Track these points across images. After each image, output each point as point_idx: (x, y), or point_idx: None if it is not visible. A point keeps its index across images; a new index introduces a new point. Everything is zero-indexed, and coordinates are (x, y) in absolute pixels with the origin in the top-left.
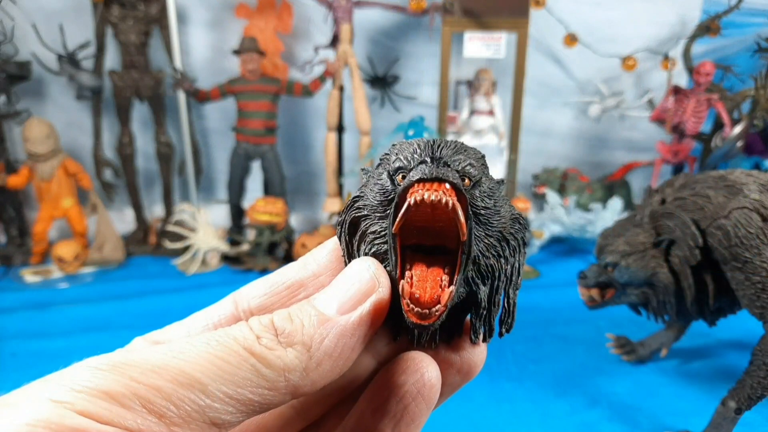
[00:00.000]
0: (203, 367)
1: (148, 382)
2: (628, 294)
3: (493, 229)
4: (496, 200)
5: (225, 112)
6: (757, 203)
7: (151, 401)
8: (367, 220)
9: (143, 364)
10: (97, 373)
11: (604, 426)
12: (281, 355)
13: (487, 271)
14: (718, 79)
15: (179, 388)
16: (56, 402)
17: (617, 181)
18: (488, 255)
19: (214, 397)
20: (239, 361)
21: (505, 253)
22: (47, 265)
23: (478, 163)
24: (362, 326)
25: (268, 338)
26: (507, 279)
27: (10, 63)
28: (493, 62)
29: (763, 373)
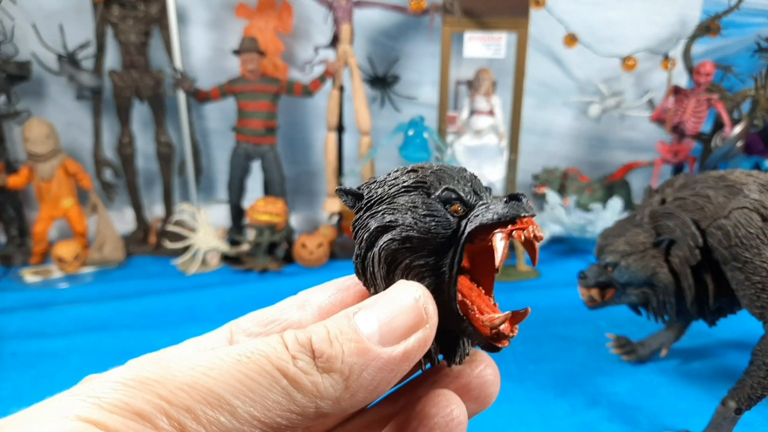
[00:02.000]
0: (233, 388)
1: (177, 402)
2: (628, 294)
3: None
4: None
5: (225, 112)
6: (757, 203)
7: (180, 422)
8: (411, 251)
9: (172, 381)
10: (126, 390)
11: (604, 426)
12: (316, 382)
13: None
14: (718, 79)
15: (208, 409)
16: (83, 419)
17: (617, 181)
18: None
19: (243, 420)
20: (270, 383)
21: None
22: (47, 265)
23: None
24: (404, 362)
25: (305, 361)
26: None
27: (10, 63)
28: (493, 62)
29: (763, 373)
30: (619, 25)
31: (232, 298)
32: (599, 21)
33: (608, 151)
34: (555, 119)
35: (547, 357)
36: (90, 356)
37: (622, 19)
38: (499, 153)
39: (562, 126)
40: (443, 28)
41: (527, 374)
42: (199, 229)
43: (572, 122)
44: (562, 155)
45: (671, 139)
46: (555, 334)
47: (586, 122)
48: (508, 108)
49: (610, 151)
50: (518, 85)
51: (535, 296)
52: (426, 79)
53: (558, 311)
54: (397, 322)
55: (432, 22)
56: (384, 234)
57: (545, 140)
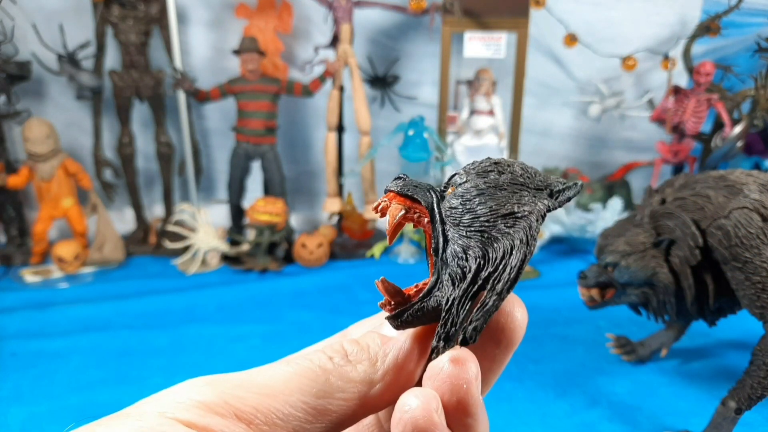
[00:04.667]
0: (285, 381)
1: (237, 394)
2: (628, 294)
3: (468, 229)
4: (468, 198)
5: (225, 112)
6: (757, 203)
7: (241, 410)
8: None
9: (233, 380)
10: (195, 388)
11: (604, 426)
12: (351, 370)
13: (456, 274)
14: (718, 79)
15: (264, 398)
16: (162, 413)
17: (617, 181)
18: (462, 256)
19: (296, 407)
20: (315, 376)
21: (489, 254)
22: (47, 265)
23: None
24: (418, 341)
25: (339, 357)
26: (485, 282)
27: (10, 63)
28: (493, 62)
29: (763, 373)
30: (619, 25)
31: (232, 298)
32: (599, 21)
33: (608, 151)
34: (555, 119)
35: (547, 357)
36: (90, 356)
37: (622, 19)
38: (499, 153)
39: (562, 126)
40: (443, 28)
41: (527, 374)
42: (199, 229)
43: (572, 122)
44: (562, 155)
45: (671, 139)
46: (555, 334)
47: (586, 122)
48: (508, 108)
49: (610, 151)
50: (518, 85)
51: (535, 296)
52: (426, 79)
53: (558, 311)
54: None
55: (432, 22)
56: None
57: (545, 140)
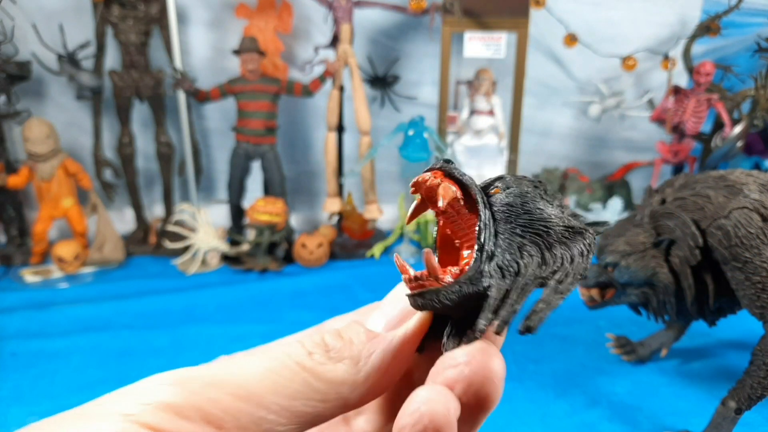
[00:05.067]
0: (258, 381)
1: (207, 395)
2: (628, 294)
3: (522, 228)
4: (526, 201)
5: (225, 112)
6: (757, 203)
7: (210, 413)
8: None
9: (203, 378)
10: (162, 387)
11: (604, 426)
12: (331, 369)
13: (507, 267)
14: (718, 79)
15: (236, 400)
16: (125, 415)
17: (617, 181)
18: (513, 251)
19: (269, 409)
20: (292, 375)
21: (544, 254)
22: (47, 265)
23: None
24: (407, 342)
25: (319, 353)
26: (540, 281)
27: (10, 63)
28: (493, 62)
29: (763, 373)
30: (619, 25)
31: (232, 298)
32: (599, 21)
33: (608, 151)
34: (555, 119)
35: (547, 357)
36: (90, 356)
37: (622, 19)
38: (499, 153)
39: (562, 126)
40: (443, 28)
41: (527, 374)
42: (199, 229)
43: (572, 122)
44: (562, 155)
45: (671, 139)
46: (555, 334)
47: (586, 122)
48: (508, 108)
49: (610, 151)
50: (518, 85)
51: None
52: (426, 79)
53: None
54: (398, 308)
55: (432, 22)
56: None
57: (545, 140)
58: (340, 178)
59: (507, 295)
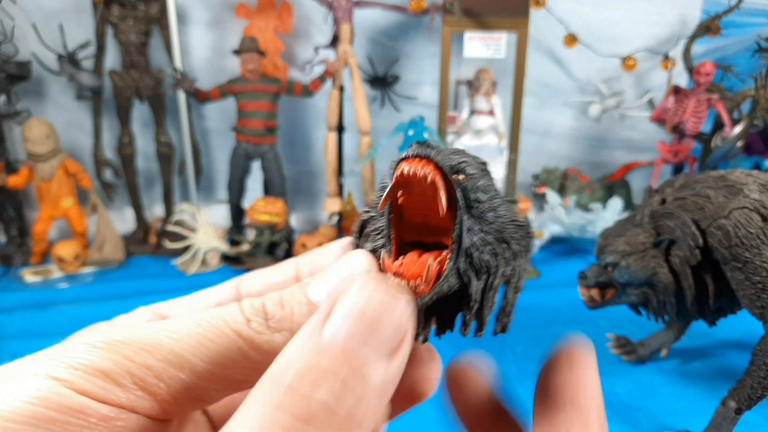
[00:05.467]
0: (193, 348)
1: (140, 361)
2: (628, 294)
3: (488, 226)
4: (492, 197)
5: (225, 112)
6: (757, 203)
7: (143, 379)
8: (371, 221)
9: (136, 343)
10: (95, 351)
11: None
12: (269, 340)
13: (480, 266)
14: (718, 79)
15: (169, 367)
16: (56, 379)
17: (617, 181)
18: (482, 250)
19: (202, 377)
20: (228, 343)
21: (505, 254)
22: (47, 265)
23: (477, 165)
24: None
25: (258, 322)
26: (506, 279)
27: (10, 63)
28: (493, 62)
29: (763, 373)
30: (619, 25)
31: None
32: (599, 21)
33: (608, 151)
34: (555, 119)
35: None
36: None
37: (622, 19)
38: (499, 153)
39: (562, 126)
40: (443, 28)
41: (527, 374)
42: (199, 229)
43: (572, 122)
44: (562, 155)
45: (671, 139)
46: (555, 334)
47: (586, 122)
48: (508, 108)
49: (610, 151)
50: (518, 85)
51: (535, 296)
52: (426, 79)
53: (558, 311)
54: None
55: (432, 22)
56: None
57: (545, 140)
58: (340, 178)
59: (484, 296)
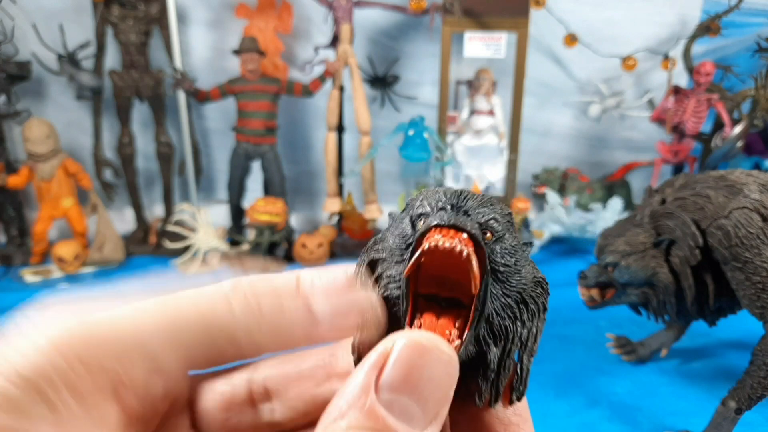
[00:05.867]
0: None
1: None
2: (628, 294)
3: (511, 289)
4: (517, 259)
5: (225, 112)
6: (757, 203)
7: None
8: (384, 264)
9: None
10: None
11: (604, 426)
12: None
13: (500, 332)
14: (718, 79)
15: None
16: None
17: (617, 181)
18: (503, 315)
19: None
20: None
21: (522, 316)
22: (47, 265)
23: (504, 219)
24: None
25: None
26: (522, 343)
27: (10, 63)
28: (493, 62)
29: (763, 373)
30: (619, 25)
31: None
32: (599, 21)
33: (608, 151)
34: (555, 119)
35: (547, 357)
36: None
37: (622, 19)
38: (499, 153)
39: (562, 126)
40: (443, 28)
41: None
42: (199, 229)
43: (572, 122)
44: (562, 155)
45: (671, 139)
46: (555, 334)
47: (586, 122)
48: (508, 108)
49: (610, 151)
50: (518, 85)
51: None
52: (426, 79)
53: (558, 311)
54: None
55: (432, 22)
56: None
57: (545, 140)
58: (340, 178)
59: (502, 364)
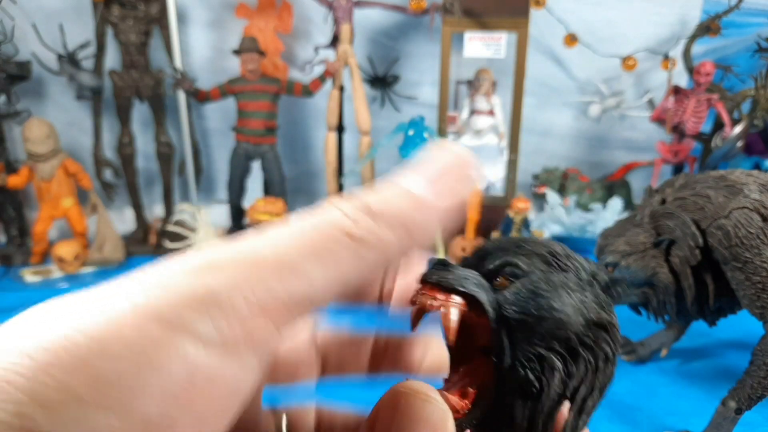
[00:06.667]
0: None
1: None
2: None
3: (540, 337)
4: (539, 297)
5: (225, 112)
6: (757, 203)
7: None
8: None
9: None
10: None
11: (604, 426)
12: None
13: (527, 385)
14: (718, 79)
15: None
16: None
17: (617, 181)
18: (529, 367)
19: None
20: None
21: (569, 368)
22: (47, 265)
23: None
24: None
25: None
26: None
27: (10, 63)
28: (493, 62)
29: (763, 373)
30: (619, 25)
31: None
32: (599, 21)
33: (608, 151)
34: (555, 119)
35: None
36: None
37: (622, 19)
38: (499, 153)
39: (562, 126)
40: (443, 28)
41: None
42: (199, 229)
43: (572, 122)
44: (562, 155)
45: (671, 139)
46: None
47: (586, 122)
48: (508, 108)
49: (610, 151)
50: (518, 85)
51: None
52: (426, 79)
53: None
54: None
55: (432, 22)
56: None
57: (545, 140)
58: (340, 178)
59: (533, 424)
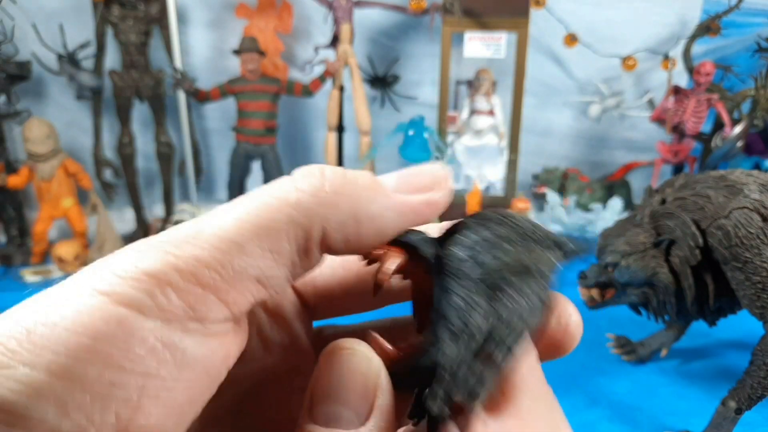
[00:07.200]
0: (238, 228)
1: (184, 254)
2: (628, 294)
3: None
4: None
5: (225, 112)
6: (757, 203)
7: (192, 272)
8: None
9: (177, 236)
10: (138, 255)
11: (604, 426)
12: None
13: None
14: (718, 79)
15: (216, 253)
16: (102, 293)
17: (617, 181)
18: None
19: (253, 255)
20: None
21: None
22: (47, 265)
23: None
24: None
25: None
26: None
27: (10, 63)
28: (493, 62)
29: (763, 373)
30: (619, 25)
31: None
32: (599, 21)
33: (608, 151)
34: (555, 119)
35: None
36: None
37: (622, 19)
38: (499, 153)
39: (562, 126)
40: (443, 28)
41: None
42: None
43: (572, 122)
44: (562, 155)
45: (671, 139)
46: None
47: (586, 122)
48: (508, 108)
49: (610, 151)
50: (518, 85)
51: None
52: (426, 79)
53: None
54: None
55: (432, 22)
56: None
57: (545, 140)
58: None
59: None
